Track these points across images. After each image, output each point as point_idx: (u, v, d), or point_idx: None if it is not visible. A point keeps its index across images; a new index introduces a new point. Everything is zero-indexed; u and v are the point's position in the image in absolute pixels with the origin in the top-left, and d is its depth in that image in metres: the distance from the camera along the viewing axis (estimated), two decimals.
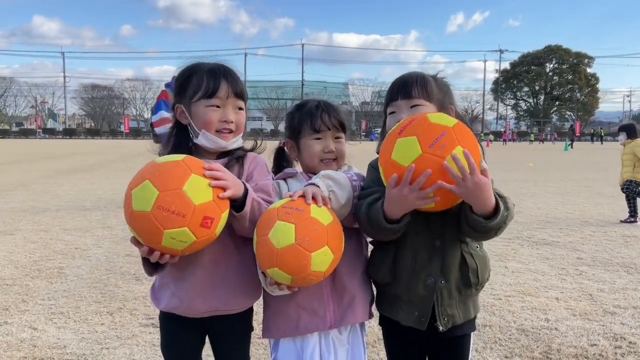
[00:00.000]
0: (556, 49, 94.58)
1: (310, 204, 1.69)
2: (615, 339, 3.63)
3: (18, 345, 3.47)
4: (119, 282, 4.80)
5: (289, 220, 1.63)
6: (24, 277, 5.03)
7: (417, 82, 1.90)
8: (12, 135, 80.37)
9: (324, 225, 1.66)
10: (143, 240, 1.63)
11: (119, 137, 78.55)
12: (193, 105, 1.91)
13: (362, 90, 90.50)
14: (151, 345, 3.46)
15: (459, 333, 1.94)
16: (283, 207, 1.69)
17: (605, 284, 4.94)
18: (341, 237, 1.74)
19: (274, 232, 1.63)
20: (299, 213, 1.65)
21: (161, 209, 1.55)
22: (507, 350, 3.43)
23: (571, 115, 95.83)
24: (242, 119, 1.98)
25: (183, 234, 1.58)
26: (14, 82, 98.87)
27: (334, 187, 1.82)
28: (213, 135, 1.91)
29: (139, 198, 1.58)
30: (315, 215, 1.66)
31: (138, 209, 1.58)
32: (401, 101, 1.91)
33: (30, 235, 6.93)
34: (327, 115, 2.07)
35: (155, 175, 1.60)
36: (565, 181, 14.91)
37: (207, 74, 1.90)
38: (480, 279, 1.91)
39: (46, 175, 15.69)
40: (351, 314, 1.97)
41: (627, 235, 7.27)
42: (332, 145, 2.08)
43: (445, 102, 1.95)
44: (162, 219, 1.55)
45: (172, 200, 1.56)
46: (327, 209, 1.73)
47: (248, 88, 2.07)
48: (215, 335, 2.04)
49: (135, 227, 1.61)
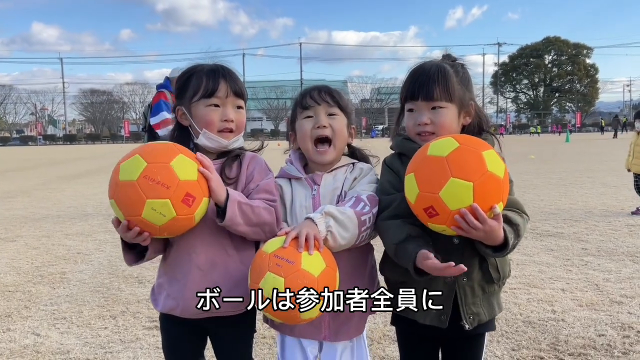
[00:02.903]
0: (555, 40, 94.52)
1: (302, 253, 1.63)
2: (623, 329, 3.59)
3: (21, 351, 3.45)
4: (122, 286, 4.78)
5: (279, 274, 1.60)
6: (26, 283, 5.01)
7: (439, 81, 1.82)
8: (13, 142, 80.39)
9: (315, 276, 1.62)
10: (123, 213, 1.64)
11: (120, 141, 78.48)
12: (193, 106, 1.93)
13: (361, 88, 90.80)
14: (155, 348, 3.43)
15: (480, 331, 1.92)
16: (275, 255, 1.65)
17: (611, 274, 4.91)
18: (334, 280, 1.70)
19: (264, 283, 1.62)
20: (289, 266, 1.61)
21: (147, 179, 1.60)
22: (514, 343, 3.40)
23: (571, 107, 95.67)
24: (242, 118, 1.98)
25: (164, 206, 1.60)
26: (14, 90, 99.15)
27: (333, 228, 1.72)
28: (214, 135, 1.91)
29: (126, 169, 1.64)
30: (306, 267, 1.62)
31: (124, 178, 1.63)
32: (422, 102, 1.84)
33: (32, 241, 6.91)
34: (317, 91, 1.98)
35: (146, 151, 1.68)
36: (568, 172, 14.86)
37: (206, 75, 1.92)
38: (502, 274, 1.88)
39: (47, 181, 15.68)
40: (345, 331, 1.93)
41: (631, 225, 7.23)
42: (324, 119, 1.96)
43: (465, 99, 1.88)
44: (147, 187, 1.59)
45: (158, 171, 1.61)
46: (321, 255, 1.68)
47: (247, 88, 2.05)
48: (216, 336, 2.03)
49: (119, 197, 1.64)
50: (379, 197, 1.89)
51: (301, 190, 2.00)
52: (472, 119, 1.93)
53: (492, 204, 1.57)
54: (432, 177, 1.58)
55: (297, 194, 1.99)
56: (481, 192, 1.54)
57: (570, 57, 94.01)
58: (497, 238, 1.65)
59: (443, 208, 1.57)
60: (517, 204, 1.83)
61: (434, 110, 1.83)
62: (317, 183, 1.98)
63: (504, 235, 1.66)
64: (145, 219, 1.62)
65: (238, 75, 2.01)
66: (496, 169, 1.58)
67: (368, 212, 1.81)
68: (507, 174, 1.63)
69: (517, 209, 1.82)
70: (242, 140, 2.01)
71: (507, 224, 1.70)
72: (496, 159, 1.61)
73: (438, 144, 1.65)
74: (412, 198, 1.65)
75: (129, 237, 1.70)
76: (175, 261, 1.92)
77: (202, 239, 1.87)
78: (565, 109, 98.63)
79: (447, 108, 1.84)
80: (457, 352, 1.99)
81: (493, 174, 1.56)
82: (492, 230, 1.60)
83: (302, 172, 2.02)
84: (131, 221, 1.65)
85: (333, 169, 2.01)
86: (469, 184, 1.53)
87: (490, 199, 1.57)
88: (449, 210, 1.56)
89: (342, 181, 1.98)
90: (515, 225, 1.73)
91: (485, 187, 1.55)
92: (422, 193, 1.60)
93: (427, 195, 1.59)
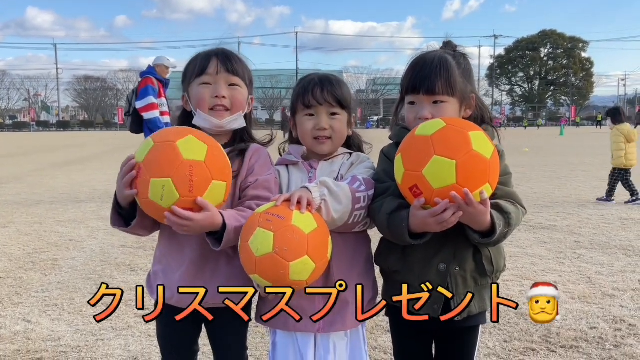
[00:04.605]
0: (550, 33, 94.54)
1: (293, 210, 1.61)
2: (615, 322, 3.60)
3: (12, 338, 3.43)
4: (114, 274, 4.74)
5: (269, 228, 1.58)
6: (17, 269, 4.97)
7: (441, 74, 1.78)
8: (6, 128, 79.83)
9: (305, 233, 1.59)
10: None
11: (114, 128, 78.17)
12: (190, 89, 1.94)
13: (357, 78, 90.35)
14: (147, 336, 3.41)
15: (472, 324, 1.90)
16: (266, 212, 1.63)
17: (603, 267, 4.92)
18: (326, 245, 1.67)
19: (253, 239, 1.59)
20: (279, 220, 1.59)
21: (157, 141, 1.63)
22: (507, 335, 3.41)
23: (566, 100, 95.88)
24: (239, 95, 1.93)
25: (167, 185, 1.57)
26: (7, 75, 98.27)
27: (327, 197, 1.71)
28: (206, 114, 1.89)
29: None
30: (297, 222, 1.59)
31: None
32: (423, 96, 1.81)
33: (24, 227, 6.87)
34: (319, 89, 1.93)
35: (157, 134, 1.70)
36: (562, 165, 14.91)
37: (202, 56, 1.94)
38: (496, 267, 1.87)
39: (40, 167, 15.59)
40: (340, 321, 1.88)
41: (624, 218, 7.26)
42: (325, 122, 1.94)
43: (467, 92, 1.86)
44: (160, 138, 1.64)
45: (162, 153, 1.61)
46: (312, 215, 1.65)
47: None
48: (211, 325, 2.01)
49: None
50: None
51: (298, 174, 1.99)
52: (473, 112, 1.91)
53: (477, 185, 1.54)
54: (416, 155, 1.57)
55: (293, 178, 1.99)
56: (465, 171, 1.52)
57: (566, 50, 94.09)
58: (483, 222, 1.63)
59: (426, 186, 1.55)
60: (513, 196, 1.81)
61: (435, 105, 1.81)
62: (314, 167, 1.98)
63: (491, 221, 1.64)
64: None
65: (242, 60, 1.98)
66: (482, 149, 1.55)
67: (363, 192, 1.80)
68: (495, 156, 1.59)
69: (513, 200, 1.80)
70: (242, 120, 1.96)
71: (498, 211, 1.68)
72: (484, 139, 1.58)
73: (426, 124, 1.64)
74: (399, 178, 1.64)
75: (126, 194, 1.66)
76: (170, 251, 1.91)
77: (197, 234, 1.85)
78: (560, 102, 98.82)
79: (448, 102, 1.81)
80: (450, 344, 1.98)
81: (478, 154, 1.54)
82: (478, 213, 1.58)
83: (299, 158, 2.02)
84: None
85: (330, 157, 2.02)
86: (451, 161, 1.51)
87: (474, 179, 1.54)
88: (432, 188, 1.54)
89: (339, 165, 1.98)
90: (507, 213, 1.71)
91: (469, 166, 1.52)
92: (407, 172, 1.59)
93: (411, 174, 1.58)
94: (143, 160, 1.60)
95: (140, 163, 1.60)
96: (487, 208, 1.60)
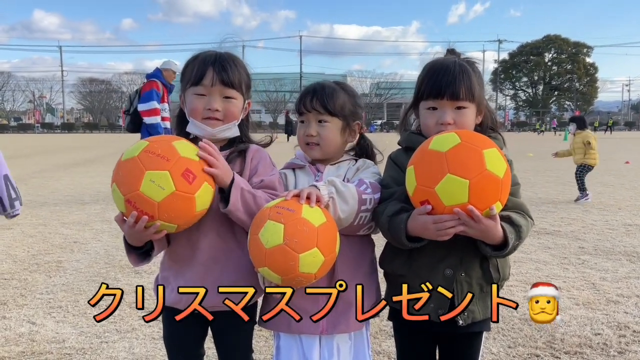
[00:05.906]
0: (555, 38, 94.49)
1: (303, 204, 1.64)
2: (619, 328, 3.60)
3: (16, 339, 3.44)
4: (118, 276, 4.75)
5: (279, 220, 1.60)
6: (22, 271, 4.99)
7: (463, 80, 1.80)
8: (11, 130, 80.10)
9: (315, 226, 1.62)
10: (123, 192, 1.62)
11: (118, 131, 78.24)
12: (185, 94, 1.95)
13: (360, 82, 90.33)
14: (151, 339, 3.42)
15: (476, 330, 1.91)
16: (276, 206, 1.66)
17: (607, 273, 4.91)
18: (334, 239, 1.69)
19: (263, 232, 1.61)
20: (289, 213, 1.62)
21: (147, 152, 1.62)
22: (511, 340, 3.40)
23: (570, 105, 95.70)
24: (233, 108, 1.93)
25: (163, 178, 1.59)
26: (12, 77, 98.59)
27: (335, 195, 1.75)
28: (199, 122, 1.91)
29: (129, 151, 1.66)
30: (306, 215, 1.62)
31: (126, 157, 1.65)
32: (447, 101, 1.81)
33: (29, 229, 6.88)
34: (310, 97, 1.98)
35: (151, 139, 1.72)
36: (566, 170, 14.85)
37: (199, 63, 1.92)
38: (502, 274, 1.88)
39: (44, 169, 15.62)
40: (344, 323, 1.89)
41: (628, 224, 7.24)
42: (312, 129, 1.98)
43: (482, 98, 1.88)
44: (147, 160, 1.61)
45: (159, 147, 1.64)
46: (322, 210, 1.68)
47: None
48: (217, 328, 2.02)
49: (119, 177, 1.64)
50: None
51: (304, 178, 2.03)
52: (483, 118, 1.92)
53: (488, 203, 1.56)
54: (430, 171, 1.59)
55: (300, 181, 2.02)
56: (477, 191, 1.54)
57: (570, 55, 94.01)
58: (494, 237, 1.65)
59: (438, 203, 1.58)
60: (522, 207, 1.82)
61: (457, 110, 1.82)
62: (321, 171, 2.02)
63: (503, 234, 1.66)
64: (143, 193, 1.58)
65: (241, 65, 1.97)
66: (496, 168, 1.57)
67: (369, 194, 1.83)
68: (508, 174, 1.61)
69: (522, 211, 1.81)
70: (235, 129, 1.97)
71: (509, 224, 1.70)
72: (497, 158, 1.59)
73: (441, 138, 1.64)
74: (411, 190, 1.66)
75: (130, 222, 1.65)
76: (179, 256, 1.93)
77: (205, 235, 1.87)
78: (564, 107, 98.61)
79: (469, 108, 1.84)
80: (454, 350, 1.98)
81: (491, 173, 1.55)
82: (488, 229, 1.60)
83: (305, 162, 2.06)
84: (130, 200, 1.61)
85: (336, 162, 2.05)
86: (465, 181, 1.53)
87: (486, 198, 1.56)
88: (444, 205, 1.57)
89: (345, 170, 2.02)
90: (518, 226, 1.73)
91: (482, 186, 1.54)
92: (419, 186, 1.61)
93: (423, 189, 1.60)
94: (138, 155, 1.63)
95: (135, 157, 1.63)
96: (497, 223, 1.62)
